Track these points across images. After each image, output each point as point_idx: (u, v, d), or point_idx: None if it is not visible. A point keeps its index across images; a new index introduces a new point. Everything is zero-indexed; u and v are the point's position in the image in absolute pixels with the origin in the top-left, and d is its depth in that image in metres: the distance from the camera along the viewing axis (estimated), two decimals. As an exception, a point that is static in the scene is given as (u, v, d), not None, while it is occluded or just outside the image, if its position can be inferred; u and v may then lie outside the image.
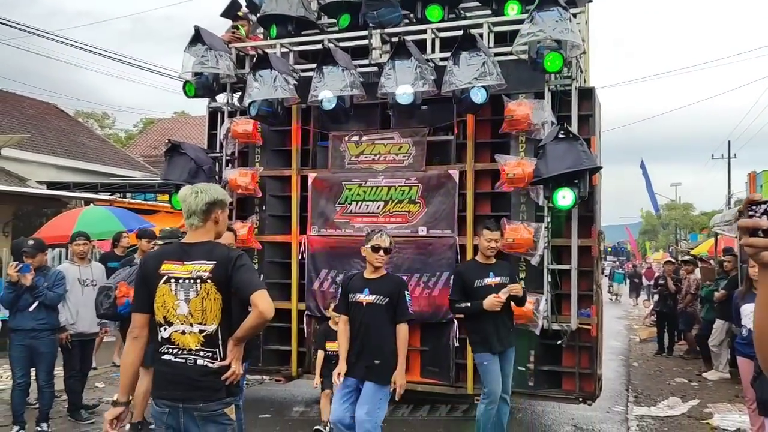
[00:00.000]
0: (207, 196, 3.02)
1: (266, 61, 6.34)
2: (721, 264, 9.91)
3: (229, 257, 2.92)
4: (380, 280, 4.50)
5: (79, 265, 6.42)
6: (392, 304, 4.40)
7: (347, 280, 4.72)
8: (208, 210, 3.00)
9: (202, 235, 3.00)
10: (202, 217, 3.00)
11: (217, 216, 3.04)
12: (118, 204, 12.57)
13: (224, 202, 3.10)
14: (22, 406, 5.86)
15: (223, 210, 3.09)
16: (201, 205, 3.00)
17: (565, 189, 5.44)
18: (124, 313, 5.67)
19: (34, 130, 18.23)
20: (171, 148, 6.86)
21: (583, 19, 6.27)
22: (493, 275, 5.09)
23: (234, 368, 2.88)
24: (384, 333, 4.40)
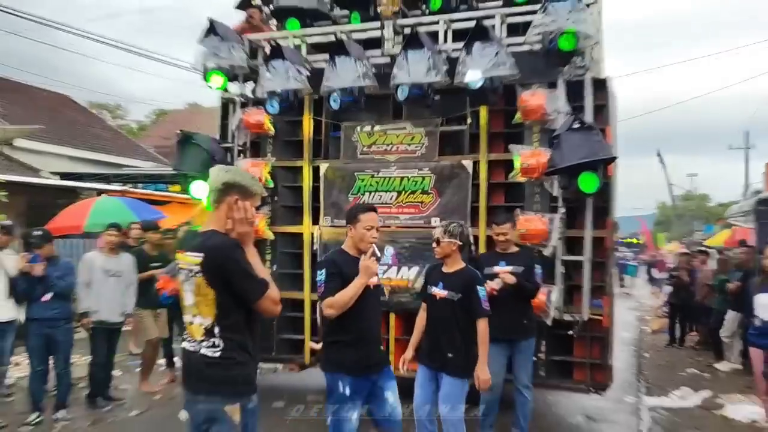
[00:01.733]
0: (228, 176, 2.88)
1: (279, 52, 6.36)
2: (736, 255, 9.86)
3: (220, 253, 2.78)
4: (455, 275, 4.49)
5: (106, 255, 6.48)
6: (465, 299, 4.39)
7: (430, 271, 4.80)
8: (223, 190, 2.85)
9: (212, 222, 2.89)
10: (216, 197, 2.86)
11: (231, 201, 2.83)
12: (131, 194, 12.66)
13: (246, 188, 2.88)
14: (40, 393, 5.96)
15: (243, 197, 2.86)
16: (219, 183, 2.86)
17: (589, 173, 5.40)
18: (165, 302, 6.12)
19: (47, 121, 18.33)
20: (183, 139, 6.89)
21: (596, 9, 6.22)
22: (505, 264, 5.16)
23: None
24: (456, 328, 4.40)
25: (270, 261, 6.97)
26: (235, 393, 2.84)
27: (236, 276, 2.77)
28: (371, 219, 3.93)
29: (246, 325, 2.87)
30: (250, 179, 2.94)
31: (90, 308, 6.22)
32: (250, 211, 2.84)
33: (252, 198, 2.90)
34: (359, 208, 4.06)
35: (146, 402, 6.80)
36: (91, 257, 6.41)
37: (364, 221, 3.90)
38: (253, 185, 2.94)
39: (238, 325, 2.84)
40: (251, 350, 2.89)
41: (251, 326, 2.91)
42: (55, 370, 6.00)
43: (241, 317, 2.84)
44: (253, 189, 2.93)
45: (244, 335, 2.87)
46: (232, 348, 2.83)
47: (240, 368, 2.85)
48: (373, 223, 3.92)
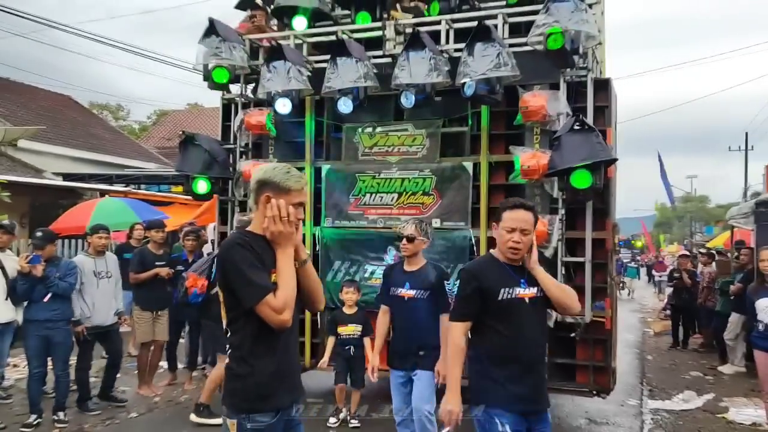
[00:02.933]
0: (260, 173, 2.67)
1: (280, 52, 6.34)
2: (737, 257, 9.83)
3: (221, 253, 2.65)
4: (419, 272, 4.44)
5: (94, 257, 6.45)
6: (434, 296, 4.36)
7: (388, 272, 4.70)
8: (257, 190, 2.65)
9: (252, 223, 2.71)
10: (253, 197, 2.68)
11: (264, 200, 2.61)
12: (133, 195, 12.68)
13: (277, 184, 2.61)
14: (38, 395, 5.94)
15: (276, 194, 2.59)
16: (253, 183, 2.68)
17: (582, 171, 5.38)
18: (194, 303, 5.99)
19: (49, 121, 18.37)
20: (185, 140, 6.89)
21: (598, 9, 6.19)
22: None
23: None
24: (428, 326, 4.37)
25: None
26: (232, 407, 2.59)
27: (231, 277, 2.56)
28: (515, 219, 3.17)
29: (257, 335, 2.57)
30: (284, 174, 2.63)
31: (83, 314, 6.17)
32: (284, 208, 2.57)
33: (287, 194, 2.60)
34: (506, 203, 3.32)
35: (146, 404, 6.77)
36: (80, 261, 6.33)
37: (505, 220, 3.20)
38: (287, 180, 2.62)
39: (244, 333, 2.59)
40: (257, 363, 2.58)
41: (267, 336, 2.58)
42: (54, 372, 5.98)
43: (249, 324, 2.57)
44: (287, 184, 2.61)
45: (249, 345, 2.58)
46: (234, 357, 2.62)
47: (238, 381, 2.59)
48: (515, 224, 3.15)
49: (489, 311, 3.16)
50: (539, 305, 3.22)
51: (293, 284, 2.60)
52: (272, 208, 2.57)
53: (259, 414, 2.57)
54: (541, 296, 3.19)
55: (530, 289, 3.19)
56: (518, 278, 3.19)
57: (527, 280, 3.20)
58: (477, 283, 3.18)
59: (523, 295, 3.17)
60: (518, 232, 3.14)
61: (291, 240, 2.62)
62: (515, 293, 3.16)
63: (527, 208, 3.23)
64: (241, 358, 2.59)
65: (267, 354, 2.59)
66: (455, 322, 3.25)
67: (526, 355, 3.16)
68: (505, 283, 3.16)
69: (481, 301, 3.16)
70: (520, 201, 3.28)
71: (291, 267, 2.62)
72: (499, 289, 3.15)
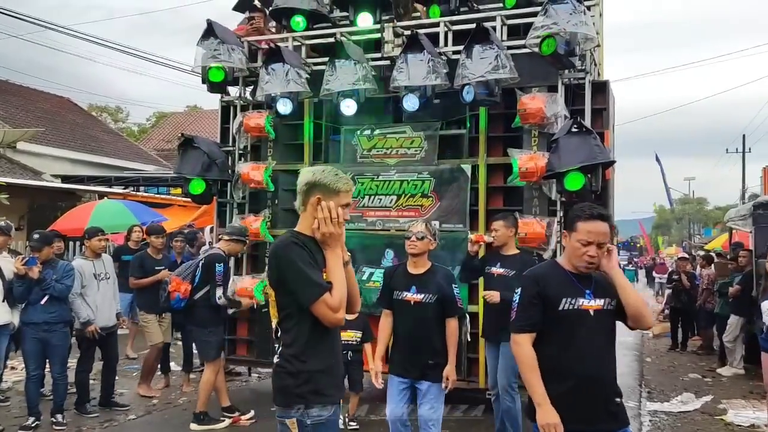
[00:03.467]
0: (309, 176, 2.70)
1: (279, 54, 6.35)
2: (735, 259, 9.83)
3: (276, 252, 2.65)
4: (426, 275, 4.26)
5: (92, 260, 6.45)
6: (441, 300, 4.17)
7: (391, 273, 4.48)
8: (306, 192, 2.69)
9: (299, 224, 2.74)
10: (301, 199, 2.71)
11: (314, 202, 2.65)
12: (132, 197, 12.69)
13: (327, 186, 2.66)
14: (36, 398, 5.92)
15: (326, 196, 2.64)
16: (302, 185, 2.71)
17: (575, 173, 5.38)
18: (177, 307, 5.90)
19: (48, 124, 18.39)
20: (184, 142, 6.90)
21: (597, 11, 6.21)
22: (499, 266, 5.09)
23: None
24: (435, 331, 4.22)
25: (269, 264, 6.95)
26: (288, 405, 2.62)
27: (289, 275, 2.58)
28: (592, 232, 2.89)
29: (310, 333, 2.62)
30: (334, 176, 2.69)
31: (90, 317, 6.17)
32: (334, 210, 2.62)
33: (336, 196, 2.67)
34: (581, 211, 2.98)
35: (144, 406, 6.76)
36: (80, 265, 6.31)
37: (580, 232, 2.92)
38: (336, 182, 2.68)
39: (297, 331, 2.63)
40: (310, 360, 2.62)
41: (320, 334, 2.64)
42: (51, 375, 5.96)
43: (303, 323, 2.61)
44: (336, 186, 2.68)
45: (304, 343, 2.62)
46: (286, 356, 2.64)
47: (290, 379, 2.62)
48: (592, 237, 2.89)
49: (547, 321, 2.94)
50: (606, 319, 2.96)
51: (345, 283, 2.67)
52: (324, 210, 2.62)
53: (317, 408, 2.62)
54: (609, 309, 2.93)
55: (596, 300, 2.93)
56: (583, 289, 2.94)
57: (594, 291, 2.94)
58: (539, 289, 2.96)
59: (587, 306, 2.91)
60: (595, 246, 2.89)
61: (340, 241, 2.69)
62: (578, 304, 2.91)
63: (604, 218, 2.95)
64: (294, 356, 2.63)
65: (319, 351, 2.65)
66: (518, 334, 2.97)
67: (585, 372, 2.88)
68: (568, 292, 2.93)
69: (542, 309, 2.94)
70: (597, 210, 2.97)
71: (342, 267, 2.69)
72: (561, 298, 2.92)
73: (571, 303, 2.92)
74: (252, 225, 6.71)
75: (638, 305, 2.92)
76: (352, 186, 2.78)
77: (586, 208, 3.00)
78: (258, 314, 6.91)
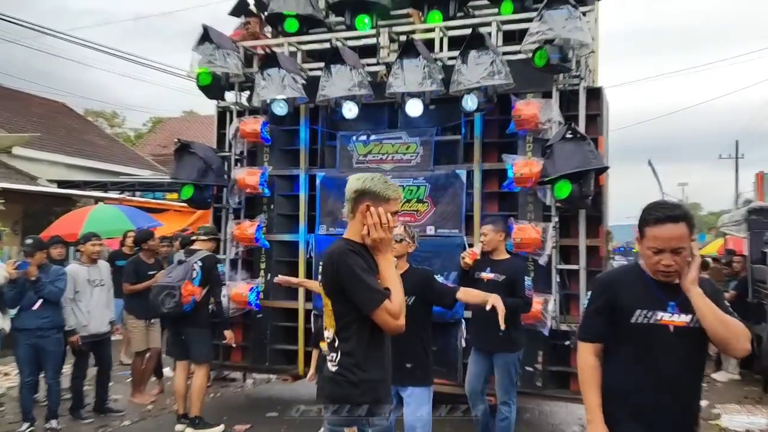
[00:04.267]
0: (359, 183, 2.72)
1: (274, 59, 6.36)
2: (729, 264, 9.86)
3: (333, 259, 2.64)
4: (406, 277, 4.05)
5: (87, 265, 6.44)
6: (422, 300, 4.04)
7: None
8: (356, 199, 2.71)
9: (348, 231, 2.76)
10: (350, 206, 2.74)
11: (363, 209, 2.67)
12: (128, 203, 12.66)
13: (377, 193, 2.68)
14: (30, 403, 5.91)
15: (375, 202, 2.66)
16: (351, 192, 2.73)
17: (564, 181, 5.41)
18: (188, 311, 5.81)
19: (44, 128, 18.35)
20: (180, 148, 6.89)
21: (592, 17, 6.24)
22: (489, 270, 5.08)
23: None
24: (414, 334, 4.02)
25: (264, 269, 6.96)
26: (348, 414, 2.63)
27: (349, 283, 2.58)
28: (663, 237, 2.46)
29: (369, 341, 2.63)
30: (383, 183, 2.72)
31: (78, 324, 6.14)
32: (383, 216, 2.64)
33: (386, 203, 2.69)
34: (649, 214, 2.53)
35: (138, 412, 6.74)
36: (74, 270, 6.29)
37: (649, 239, 2.52)
38: (386, 189, 2.71)
39: (358, 340, 2.63)
40: (371, 369, 2.65)
41: (378, 342, 2.66)
42: (45, 381, 5.94)
43: (363, 331, 2.62)
44: (386, 193, 2.71)
45: (363, 351, 2.64)
46: (346, 364, 2.64)
47: (351, 388, 2.63)
48: (664, 244, 2.46)
49: (617, 333, 2.59)
50: (692, 337, 2.50)
51: (402, 288, 2.69)
52: (373, 215, 2.64)
53: (377, 417, 2.66)
54: (696, 327, 2.48)
55: (681, 315, 2.50)
56: (666, 300, 2.52)
57: (679, 303, 2.50)
58: (608, 296, 2.63)
59: (667, 321, 2.51)
60: (669, 253, 2.45)
61: (390, 246, 2.74)
62: (656, 318, 2.51)
63: (678, 219, 2.45)
64: (356, 365, 2.64)
65: (378, 359, 2.69)
66: (582, 343, 2.72)
67: (650, 400, 2.51)
68: (645, 303, 2.53)
69: (610, 319, 2.61)
70: (667, 212, 2.48)
71: (395, 272, 2.72)
72: (635, 309, 2.53)
73: (646, 316, 2.52)
74: (247, 230, 6.71)
75: (717, 331, 2.42)
76: (401, 193, 2.82)
77: (654, 209, 2.52)
78: (253, 320, 6.91)
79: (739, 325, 2.44)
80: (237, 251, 6.94)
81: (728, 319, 2.44)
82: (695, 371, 2.59)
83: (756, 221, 9.23)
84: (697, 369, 2.60)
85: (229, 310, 6.69)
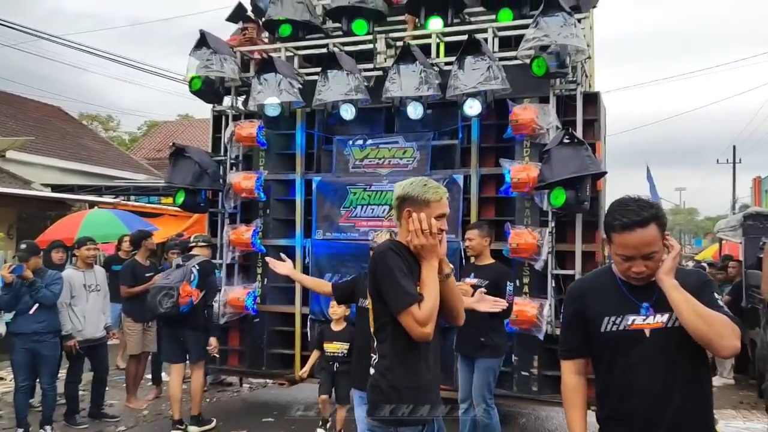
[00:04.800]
0: (399, 189, 2.71)
1: (271, 64, 6.36)
2: (724, 269, 9.89)
3: (374, 257, 2.64)
4: None
5: (83, 270, 6.42)
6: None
7: (361, 277, 4.46)
8: (398, 206, 2.70)
9: (399, 236, 2.75)
10: (396, 214, 2.73)
11: (406, 215, 2.65)
12: (123, 207, 12.61)
13: (415, 198, 2.65)
14: (25, 409, 5.87)
15: (416, 208, 2.62)
16: (394, 200, 2.73)
17: (559, 189, 5.44)
18: (185, 312, 5.93)
19: (38, 132, 18.28)
20: (176, 152, 6.89)
21: (587, 24, 6.27)
22: (473, 276, 5.10)
23: None
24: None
25: (261, 274, 6.95)
26: (380, 420, 2.58)
27: (383, 281, 2.56)
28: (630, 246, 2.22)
29: (407, 345, 2.56)
30: (422, 187, 2.66)
31: (74, 329, 6.12)
32: (425, 221, 2.58)
33: (426, 207, 2.63)
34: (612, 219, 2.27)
35: (134, 417, 6.71)
36: (70, 275, 6.26)
37: (617, 246, 2.27)
38: (424, 193, 2.65)
39: (392, 342, 2.58)
40: (402, 375, 2.58)
41: (415, 348, 2.57)
42: (41, 386, 5.91)
43: (398, 333, 2.56)
44: (425, 197, 2.64)
45: (398, 356, 2.58)
46: (380, 369, 2.62)
47: (381, 395, 2.58)
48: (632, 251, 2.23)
49: (593, 346, 2.38)
50: (676, 339, 2.19)
51: (437, 297, 2.59)
52: (414, 222, 2.59)
53: (407, 427, 2.58)
54: (678, 326, 2.19)
55: (657, 316, 2.23)
56: (637, 302, 2.26)
57: (655, 303, 2.24)
58: (576, 306, 2.42)
59: (640, 325, 2.23)
60: (640, 260, 2.21)
61: (435, 252, 2.62)
62: (626, 323, 2.26)
63: (646, 223, 2.18)
64: (388, 368, 2.60)
65: (413, 365, 2.60)
66: (562, 361, 2.53)
67: (639, 414, 2.24)
68: (614, 308, 2.29)
69: (586, 331, 2.37)
70: (633, 217, 2.19)
71: (435, 280, 2.61)
72: (603, 317, 2.30)
73: (615, 323, 2.28)
74: (243, 235, 6.70)
75: (695, 327, 2.13)
76: (444, 194, 2.69)
77: (619, 212, 2.24)
78: (249, 324, 6.89)
79: (722, 321, 2.14)
80: (233, 256, 6.93)
81: (709, 314, 2.13)
82: (690, 377, 2.23)
83: (752, 226, 9.27)
84: (693, 374, 2.24)
85: (223, 317, 6.69)
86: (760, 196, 26.78)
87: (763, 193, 26.26)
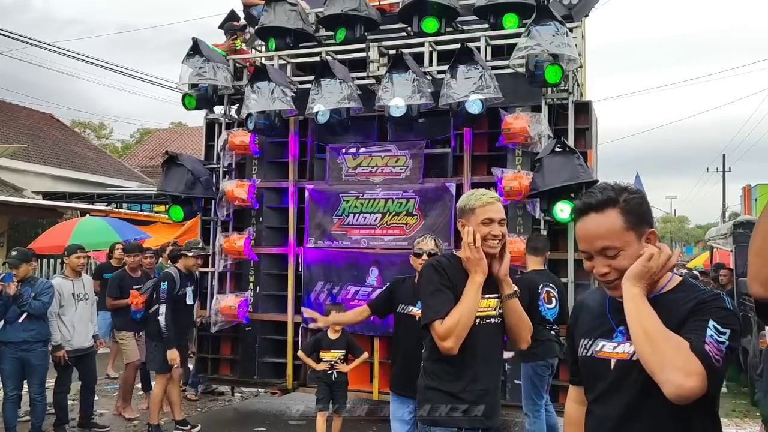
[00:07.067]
0: (460, 201, 2.75)
1: (264, 72, 6.36)
2: (716, 278, 9.92)
3: (419, 273, 2.89)
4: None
5: (72, 279, 6.35)
6: None
7: (399, 284, 4.38)
8: (458, 220, 2.74)
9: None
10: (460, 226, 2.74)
11: (461, 226, 2.66)
12: (115, 215, 12.57)
13: (462, 209, 2.68)
14: (14, 419, 5.80)
15: (466, 219, 2.64)
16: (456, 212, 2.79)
17: (564, 202, 5.45)
18: (137, 319, 6.45)
19: (30, 140, 18.23)
20: (168, 159, 6.87)
21: (579, 33, 6.31)
22: None
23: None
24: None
25: (253, 282, 6.92)
26: (420, 421, 2.75)
27: (420, 295, 2.74)
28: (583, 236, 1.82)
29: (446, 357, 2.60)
30: (467, 197, 2.68)
31: (63, 339, 6.06)
32: (471, 234, 2.59)
33: (472, 214, 2.62)
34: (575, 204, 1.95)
35: (124, 427, 6.65)
36: (59, 284, 6.20)
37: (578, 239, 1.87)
38: (468, 201, 2.66)
39: (432, 347, 2.66)
40: (438, 379, 2.67)
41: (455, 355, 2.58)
42: (30, 395, 5.84)
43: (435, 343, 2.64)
44: (470, 205, 2.64)
45: (435, 359, 2.67)
46: (423, 369, 2.78)
47: (422, 393, 2.74)
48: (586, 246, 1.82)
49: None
50: (641, 374, 1.66)
51: (467, 313, 2.57)
52: (467, 235, 2.62)
53: (438, 427, 2.67)
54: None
55: (626, 345, 1.75)
56: (615, 325, 1.81)
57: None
58: (571, 322, 2.06)
59: (607, 354, 1.81)
60: (598, 257, 1.78)
61: (479, 267, 2.59)
62: (595, 349, 1.85)
63: (602, 207, 1.75)
64: (427, 371, 2.74)
65: (452, 372, 2.65)
66: (569, 386, 2.13)
67: None
68: (591, 330, 1.89)
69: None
70: (587, 199, 1.80)
71: (471, 296, 2.59)
72: (580, 339, 1.92)
73: (586, 347, 1.88)
74: (236, 243, 6.68)
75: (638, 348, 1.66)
76: (488, 199, 2.64)
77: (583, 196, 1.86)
78: (241, 333, 6.86)
79: (675, 347, 1.58)
80: (226, 264, 6.91)
81: (662, 336, 1.61)
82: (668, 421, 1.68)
83: (742, 234, 9.29)
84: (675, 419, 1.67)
85: (215, 325, 6.66)
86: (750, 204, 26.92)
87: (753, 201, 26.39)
